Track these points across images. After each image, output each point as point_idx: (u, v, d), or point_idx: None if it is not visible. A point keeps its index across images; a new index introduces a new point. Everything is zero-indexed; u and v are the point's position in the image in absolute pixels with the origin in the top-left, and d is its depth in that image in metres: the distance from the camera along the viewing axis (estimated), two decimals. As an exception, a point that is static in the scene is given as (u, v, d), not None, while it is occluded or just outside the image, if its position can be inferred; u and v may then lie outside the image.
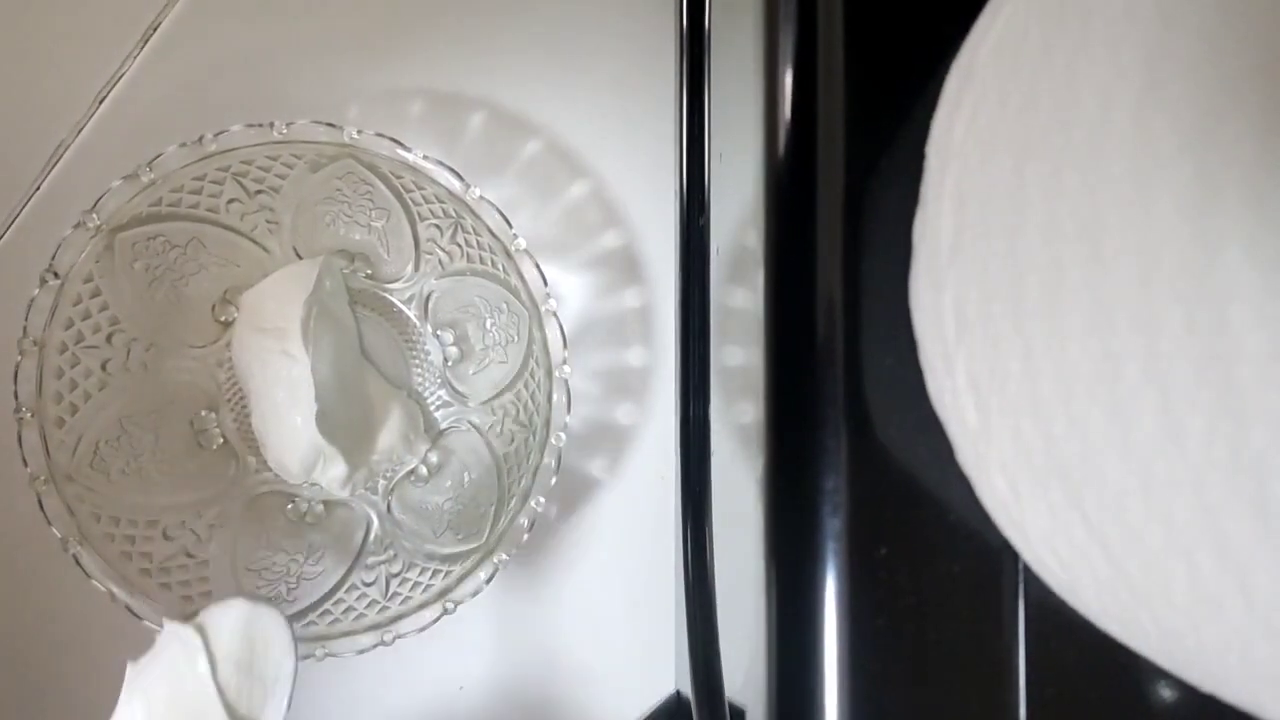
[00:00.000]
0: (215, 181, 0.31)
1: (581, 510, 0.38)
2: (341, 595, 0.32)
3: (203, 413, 0.34)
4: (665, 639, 0.37)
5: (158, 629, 0.29)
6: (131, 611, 0.29)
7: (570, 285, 0.38)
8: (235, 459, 0.35)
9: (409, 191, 0.33)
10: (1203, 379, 0.14)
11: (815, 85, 0.20)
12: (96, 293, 0.30)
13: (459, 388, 0.36)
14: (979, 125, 0.18)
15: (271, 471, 0.34)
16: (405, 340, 0.36)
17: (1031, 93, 0.17)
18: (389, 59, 0.37)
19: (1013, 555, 0.20)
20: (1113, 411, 0.16)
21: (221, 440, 0.34)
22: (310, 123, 0.30)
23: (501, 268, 0.33)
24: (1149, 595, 0.16)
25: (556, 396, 0.32)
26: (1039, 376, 0.17)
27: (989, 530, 0.20)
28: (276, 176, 0.32)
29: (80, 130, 0.35)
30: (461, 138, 0.37)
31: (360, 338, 0.35)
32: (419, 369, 0.36)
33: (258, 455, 0.34)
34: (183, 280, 0.33)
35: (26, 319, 0.29)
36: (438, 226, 0.34)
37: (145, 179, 0.29)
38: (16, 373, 0.29)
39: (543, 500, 0.32)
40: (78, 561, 0.29)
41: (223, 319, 0.34)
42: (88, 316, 0.30)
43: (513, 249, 0.31)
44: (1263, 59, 0.13)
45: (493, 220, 0.31)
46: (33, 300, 0.29)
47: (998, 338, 0.17)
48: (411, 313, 0.36)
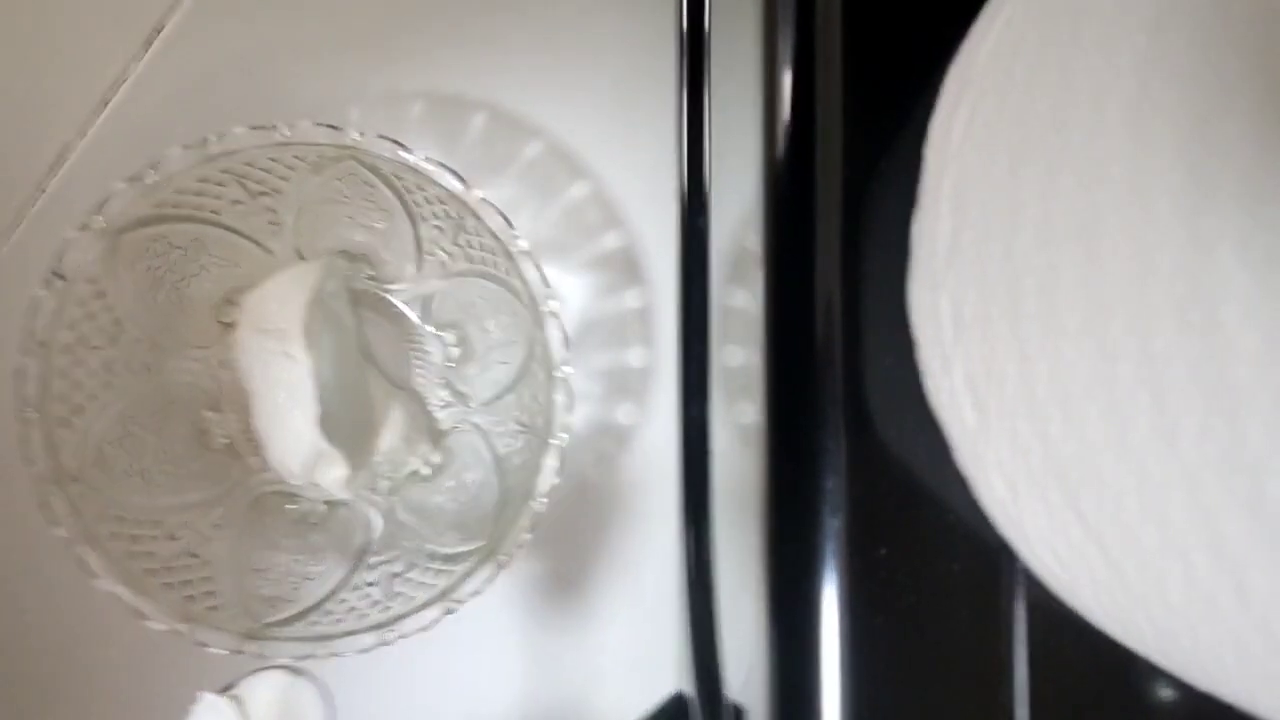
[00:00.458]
0: (218, 183, 0.31)
1: (583, 510, 0.38)
2: (344, 595, 0.33)
3: (205, 413, 0.34)
4: (666, 639, 0.37)
5: (161, 629, 0.29)
6: (137, 612, 0.29)
7: (571, 286, 0.38)
8: (238, 459, 0.35)
9: (410, 193, 0.33)
10: (1197, 379, 0.14)
11: (814, 86, 0.20)
12: (100, 294, 0.30)
13: (461, 388, 0.36)
14: (976, 128, 0.18)
15: (274, 472, 0.34)
16: (406, 341, 0.36)
17: (1028, 96, 0.17)
18: (390, 61, 0.37)
19: (1011, 555, 0.20)
20: (1108, 412, 0.16)
21: (224, 440, 0.35)
22: (312, 124, 0.30)
23: (503, 269, 0.33)
24: (1146, 594, 0.16)
25: (558, 397, 0.32)
26: (1035, 377, 0.17)
27: (987, 530, 0.20)
28: (279, 178, 0.32)
29: (86, 132, 0.35)
30: (463, 139, 0.37)
31: (362, 339, 0.35)
32: (420, 370, 0.36)
33: (260, 455, 0.34)
34: (185, 281, 0.33)
35: (32, 319, 0.29)
36: (439, 228, 0.34)
37: (149, 180, 0.30)
38: (21, 373, 0.29)
39: (545, 500, 0.32)
40: (82, 562, 0.29)
41: (225, 320, 0.34)
42: (92, 317, 0.30)
43: (514, 250, 0.31)
44: (1256, 62, 0.13)
45: (494, 221, 0.31)
46: (38, 300, 0.29)
47: (995, 338, 0.17)
48: (413, 314, 0.36)
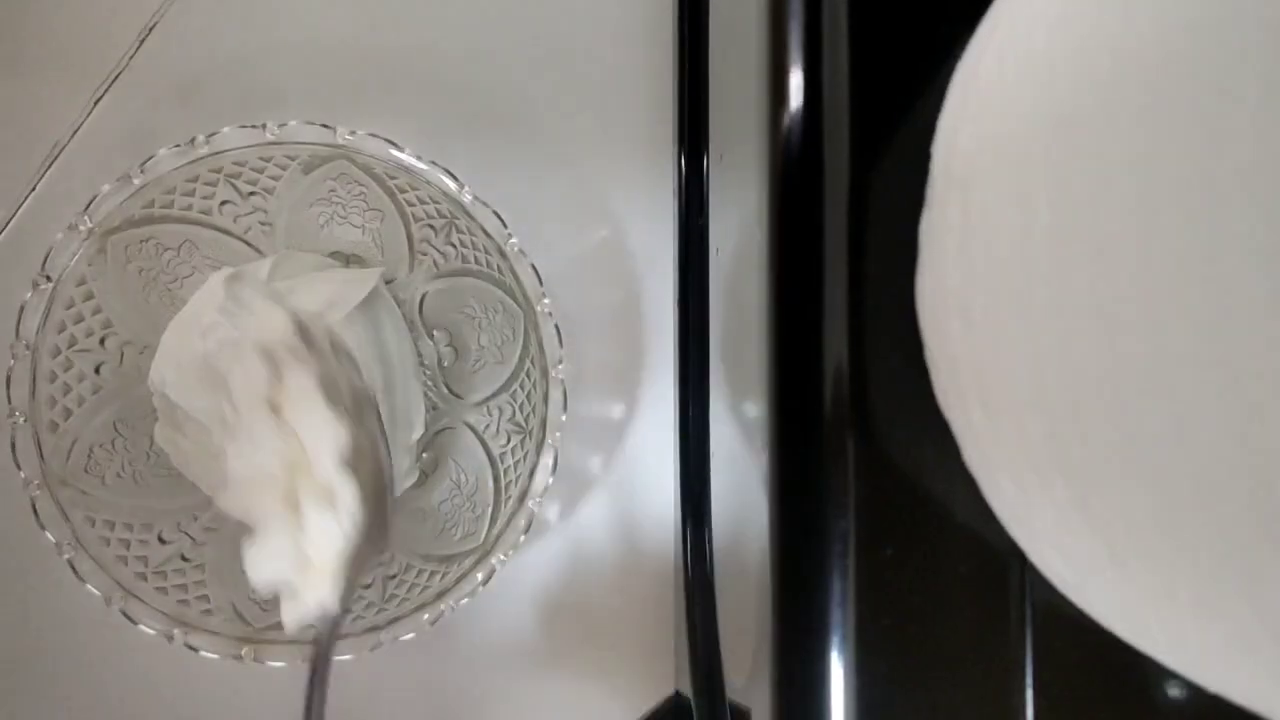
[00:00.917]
0: (208, 183, 0.31)
1: (579, 510, 0.37)
2: (338, 598, 0.32)
3: (196, 416, 0.34)
4: (665, 639, 0.37)
5: (153, 634, 0.29)
6: (127, 616, 0.29)
7: (564, 284, 0.37)
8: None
9: (403, 192, 0.33)
10: (1208, 379, 0.14)
11: (820, 85, 0.20)
12: (89, 296, 0.30)
13: (454, 388, 0.36)
14: (984, 128, 0.18)
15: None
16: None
17: (1035, 98, 0.17)
18: (381, 59, 0.37)
19: (1019, 555, 0.20)
20: (1118, 412, 0.16)
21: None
22: (303, 124, 0.30)
23: (497, 268, 0.33)
24: (1153, 594, 0.16)
25: (553, 396, 0.32)
26: (1045, 377, 0.17)
27: (995, 530, 0.20)
28: (269, 178, 0.32)
29: (76, 131, 0.35)
30: (455, 137, 0.37)
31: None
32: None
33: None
34: (176, 283, 0.32)
35: (19, 322, 0.29)
36: (432, 227, 0.34)
37: (137, 181, 0.29)
38: (9, 377, 0.29)
39: (540, 500, 0.32)
40: (72, 567, 0.29)
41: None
42: (80, 320, 0.30)
43: (508, 249, 0.31)
44: (1261, 59, 0.13)
45: (487, 220, 0.31)
46: (25, 303, 0.29)
47: (1003, 338, 0.17)
48: (407, 314, 0.36)
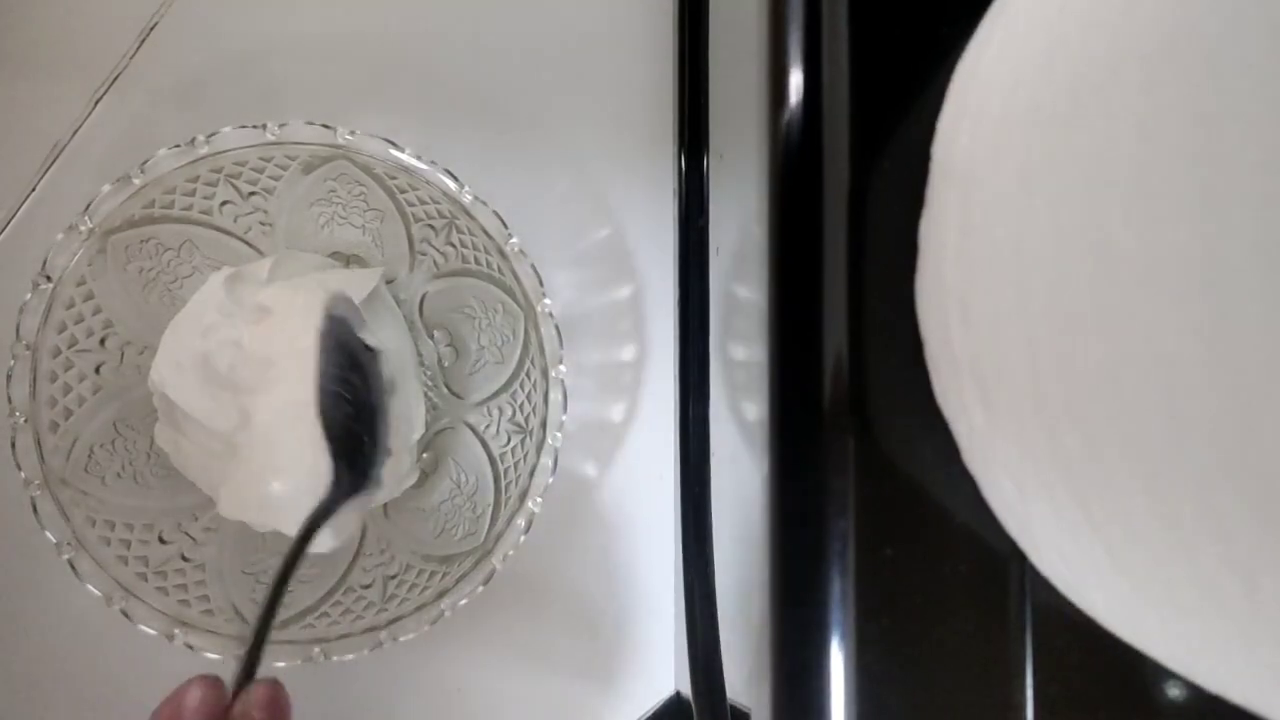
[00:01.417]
0: (208, 183, 0.31)
1: (579, 510, 0.37)
2: (338, 598, 0.32)
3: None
4: (665, 639, 0.37)
5: (153, 633, 0.29)
6: (127, 616, 0.29)
7: (563, 284, 0.37)
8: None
9: (403, 192, 0.33)
10: (1207, 380, 0.14)
11: (820, 85, 0.20)
12: (89, 296, 0.30)
13: (454, 388, 0.36)
14: (984, 129, 0.18)
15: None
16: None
17: (1035, 98, 0.17)
18: (382, 59, 0.37)
19: (1019, 555, 0.20)
20: (1117, 412, 0.16)
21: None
22: (303, 124, 0.30)
23: (497, 268, 0.33)
24: (1154, 595, 0.16)
25: (553, 396, 0.32)
26: (1044, 378, 0.17)
27: (995, 530, 0.20)
28: (269, 178, 0.32)
29: (76, 131, 0.35)
30: (455, 137, 0.37)
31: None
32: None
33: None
34: (176, 283, 0.32)
35: (19, 322, 0.29)
36: (432, 227, 0.34)
37: (137, 182, 0.29)
38: (9, 377, 0.29)
39: (540, 501, 0.32)
40: (73, 567, 0.29)
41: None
42: (81, 320, 0.30)
43: (507, 249, 0.31)
44: (1260, 61, 0.13)
45: (487, 220, 0.31)
46: (25, 304, 0.29)
47: (1003, 339, 0.17)
48: (407, 314, 0.36)
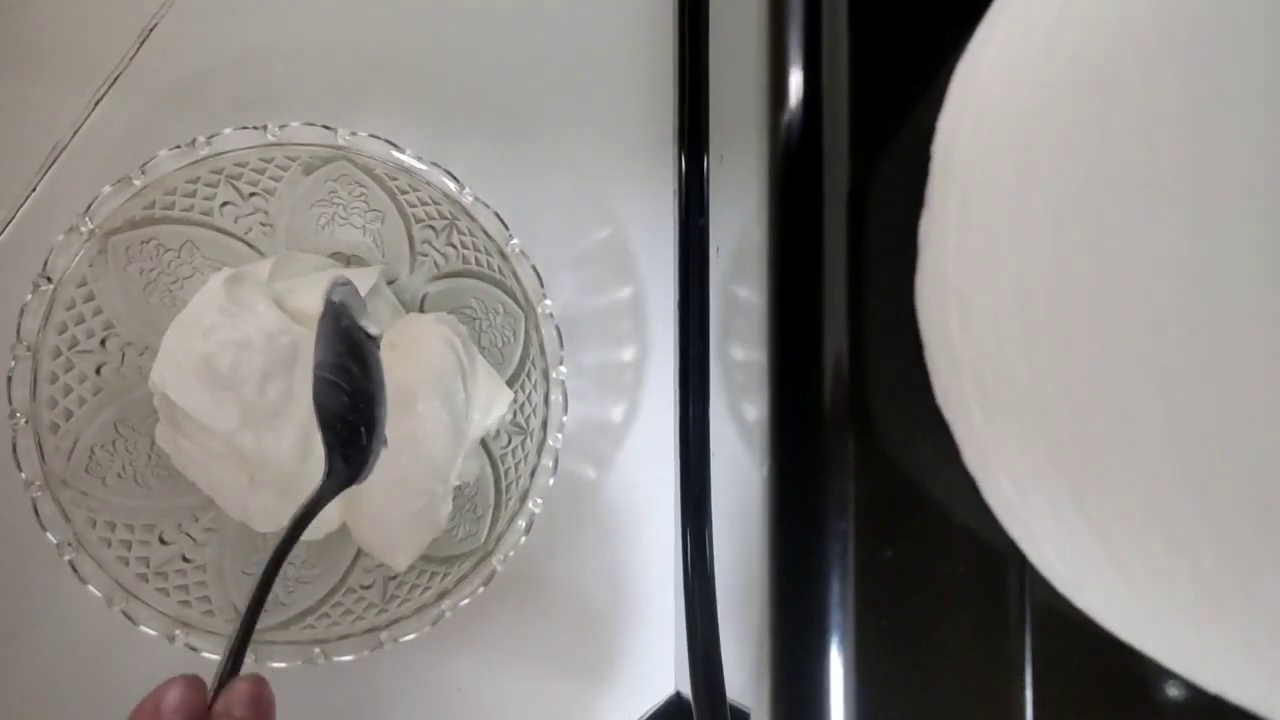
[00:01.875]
0: (209, 184, 0.31)
1: (579, 511, 0.37)
2: (339, 599, 0.32)
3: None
4: (665, 639, 0.37)
5: (153, 634, 0.29)
6: (128, 617, 0.29)
7: (563, 285, 0.37)
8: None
9: (404, 193, 0.33)
10: (1207, 381, 0.14)
11: (820, 85, 0.20)
12: (90, 297, 0.30)
13: (454, 389, 0.36)
14: (983, 129, 0.18)
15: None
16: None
17: (1034, 98, 0.17)
18: (382, 60, 0.37)
19: (1018, 556, 0.20)
20: (1117, 413, 0.16)
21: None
22: (304, 125, 0.30)
23: (497, 269, 0.33)
24: (1153, 595, 0.16)
25: (553, 397, 0.32)
26: (1044, 378, 0.17)
27: (995, 531, 0.20)
28: (270, 179, 0.32)
29: (76, 131, 0.35)
30: (455, 138, 0.37)
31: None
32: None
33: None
34: (177, 284, 0.32)
35: (20, 323, 0.29)
36: (433, 228, 0.34)
37: (138, 183, 0.29)
38: (10, 378, 0.29)
39: (540, 501, 0.32)
40: (74, 568, 0.29)
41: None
42: (81, 321, 0.30)
43: (508, 250, 0.31)
44: (1258, 65, 0.13)
45: (488, 221, 0.31)
46: (25, 304, 0.29)
47: (1003, 339, 0.17)
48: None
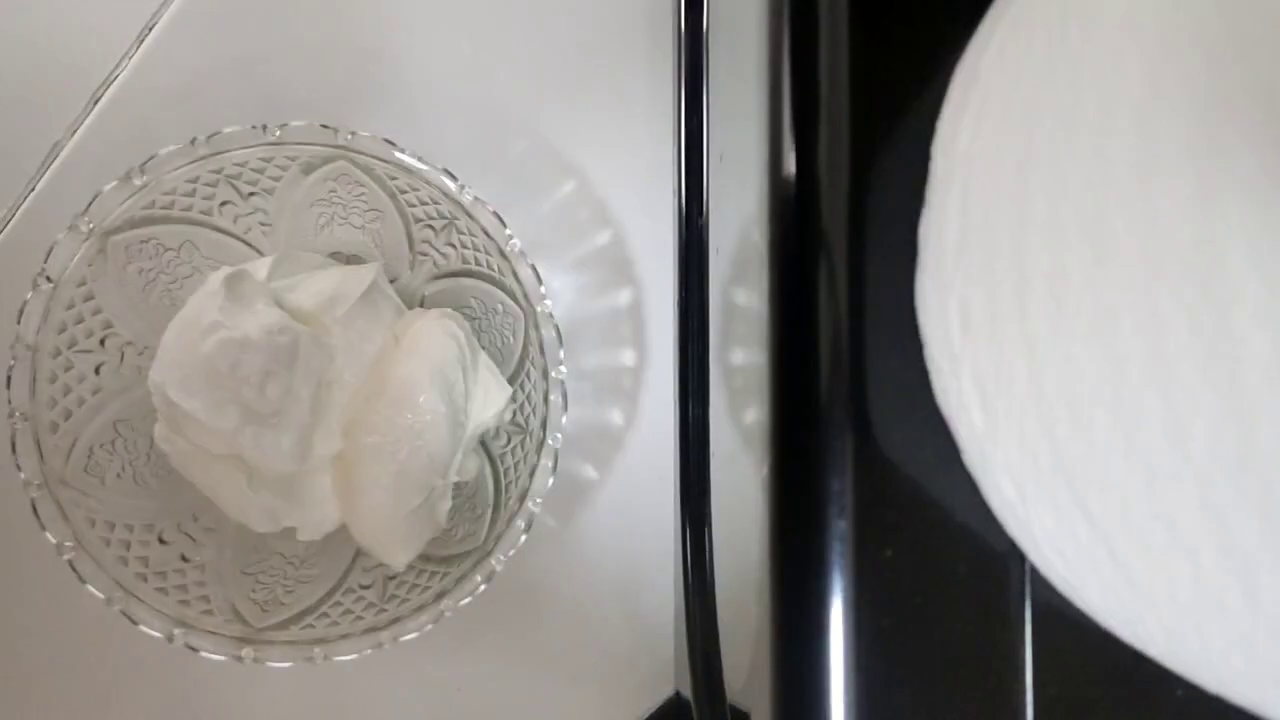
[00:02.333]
0: (208, 184, 0.31)
1: (579, 511, 0.37)
2: (338, 598, 0.32)
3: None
4: (665, 640, 0.37)
5: (153, 634, 0.29)
6: (128, 617, 0.29)
7: (562, 285, 0.37)
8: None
9: (403, 193, 0.33)
10: (1207, 381, 0.14)
11: (819, 85, 0.20)
12: (89, 296, 0.30)
13: (454, 389, 0.36)
14: (984, 129, 0.18)
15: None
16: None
17: (1035, 98, 0.17)
18: (381, 59, 0.37)
19: (1019, 556, 0.20)
20: (1117, 413, 0.16)
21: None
22: (304, 124, 0.30)
23: (497, 269, 0.33)
24: (1154, 595, 0.16)
25: (553, 397, 0.32)
26: (1044, 378, 0.17)
27: (995, 531, 0.20)
28: (270, 179, 0.32)
29: (75, 131, 0.35)
30: (455, 137, 0.37)
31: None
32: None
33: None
34: (176, 284, 0.32)
35: (19, 323, 0.29)
36: (432, 228, 0.34)
37: (137, 182, 0.29)
38: (9, 378, 0.29)
39: (540, 501, 0.32)
40: (73, 567, 0.29)
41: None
42: (81, 320, 0.30)
43: (508, 249, 0.31)
44: (1260, 66, 0.13)
45: (487, 221, 0.31)
46: (25, 304, 0.29)
47: (1003, 339, 0.17)
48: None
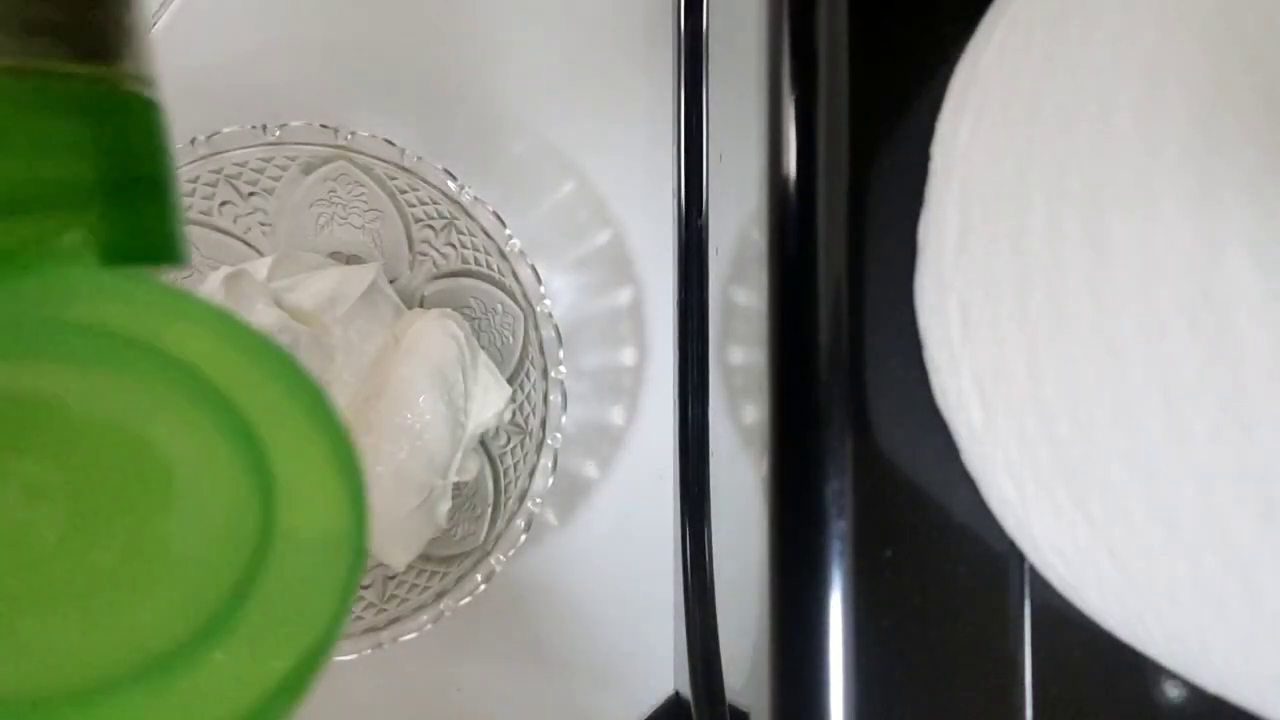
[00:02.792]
0: (208, 184, 0.31)
1: (578, 511, 0.37)
2: (338, 598, 0.32)
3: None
4: (664, 640, 0.37)
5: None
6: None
7: (561, 285, 0.37)
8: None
9: (403, 193, 0.33)
10: (1207, 381, 0.14)
11: (818, 84, 0.20)
12: (88, 296, 0.30)
13: (453, 389, 0.36)
14: (983, 128, 0.18)
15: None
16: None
17: (1034, 98, 0.17)
18: (381, 59, 0.37)
19: (1018, 556, 0.20)
20: (1117, 413, 0.16)
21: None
22: (303, 125, 0.30)
23: (496, 269, 0.33)
24: (1153, 596, 0.16)
25: (552, 397, 0.32)
26: (1044, 378, 0.17)
27: (994, 531, 0.20)
28: (269, 179, 0.32)
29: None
30: (454, 138, 0.37)
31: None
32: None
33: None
34: (176, 283, 0.32)
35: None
36: (432, 227, 0.34)
37: (137, 181, 0.29)
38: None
39: (540, 501, 0.32)
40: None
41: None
42: (80, 320, 0.30)
43: (507, 249, 0.31)
44: (1260, 65, 0.13)
45: (487, 221, 0.31)
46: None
47: (1002, 339, 0.17)
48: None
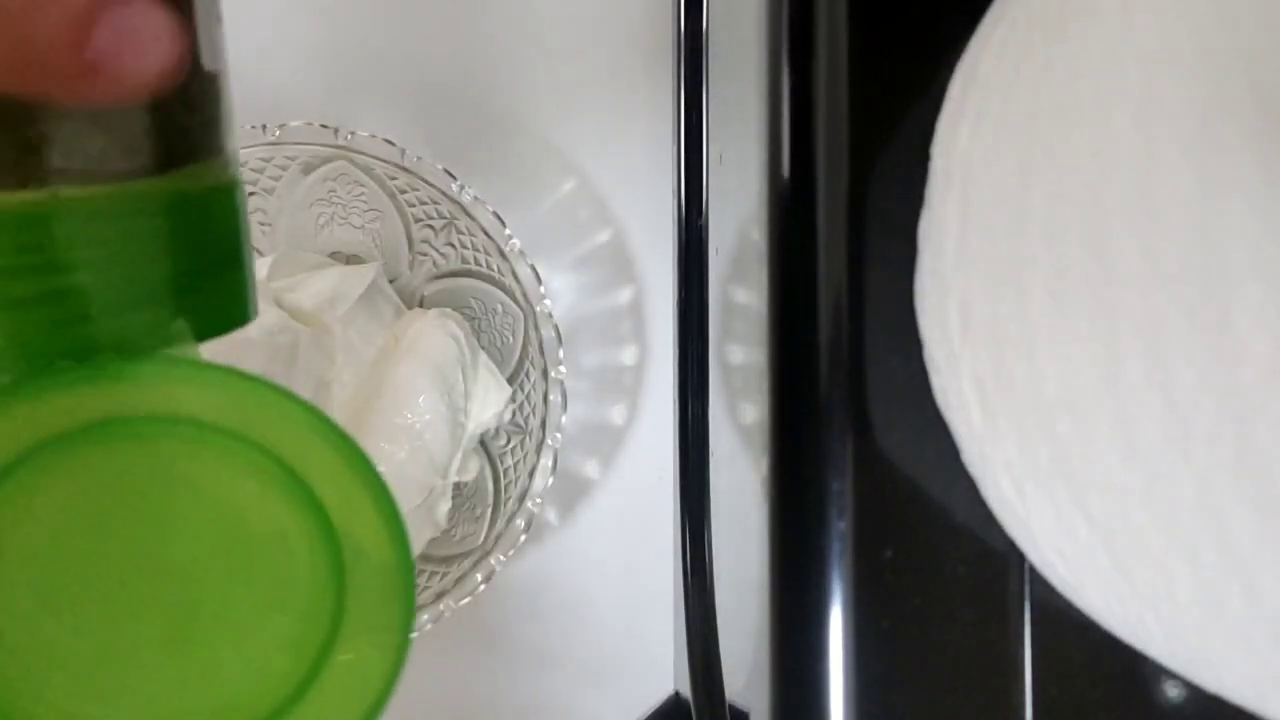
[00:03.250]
0: (208, 183, 0.31)
1: (578, 511, 0.37)
2: (337, 598, 0.32)
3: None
4: (664, 640, 0.37)
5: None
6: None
7: (562, 284, 0.37)
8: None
9: (403, 193, 0.33)
10: (1206, 381, 0.14)
11: (818, 84, 0.20)
12: (88, 296, 0.30)
13: (453, 389, 0.36)
14: (983, 129, 0.18)
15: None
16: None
17: (1035, 96, 0.17)
18: (381, 59, 0.37)
19: (1018, 556, 0.20)
20: (1117, 413, 0.16)
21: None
22: (303, 124, 0.30)
23: (496, 268, 0.33)
24: (1153, 595, 0.16)
25: (552, 397, 0.32)
26: (1043, 378, 0.17)
27: (994, 531, 0.20)
28: (269, 178, 0.32)
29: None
30: (454, 138, 0.37)
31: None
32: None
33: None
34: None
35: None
36: (431, 227, 0.34)
37: (137, 181, 0.29)
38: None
39: (540, 501, 0.32)
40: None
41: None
42: (79, 320, 0.30)
43: (507, 249, 0.31)
44: (1260, 65, 0.13)
45: (487, 221, 0.31)
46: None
47: (1002, 339, 0.17)
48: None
